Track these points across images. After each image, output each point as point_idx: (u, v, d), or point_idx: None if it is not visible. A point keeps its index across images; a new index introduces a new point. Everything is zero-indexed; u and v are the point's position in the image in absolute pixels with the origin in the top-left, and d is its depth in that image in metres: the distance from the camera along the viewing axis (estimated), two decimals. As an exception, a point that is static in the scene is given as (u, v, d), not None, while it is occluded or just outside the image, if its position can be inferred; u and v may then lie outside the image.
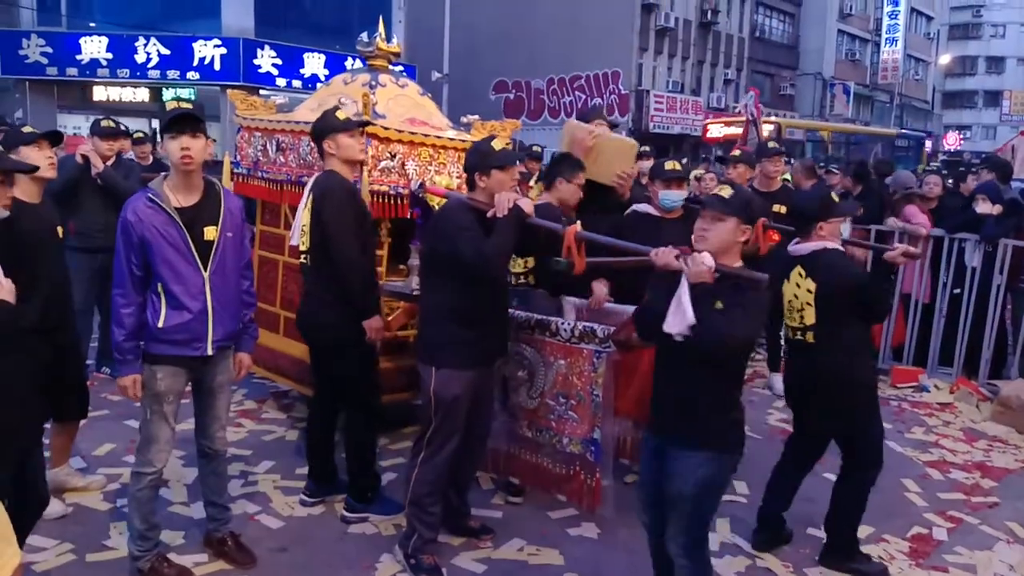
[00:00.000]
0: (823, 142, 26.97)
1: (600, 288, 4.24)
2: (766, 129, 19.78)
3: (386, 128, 4.43)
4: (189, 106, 8.01)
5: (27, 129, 3.53)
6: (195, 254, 3.10)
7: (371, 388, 3.90)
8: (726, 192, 2.79)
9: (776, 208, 5.76)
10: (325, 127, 3.75)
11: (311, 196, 3.74)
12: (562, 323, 3.90)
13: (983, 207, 6.52)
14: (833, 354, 3.47)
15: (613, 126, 6.26)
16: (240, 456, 4.55)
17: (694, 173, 8.89)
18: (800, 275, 3.53)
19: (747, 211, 2.76)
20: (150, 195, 3.08)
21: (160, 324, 3.08)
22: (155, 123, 18.24)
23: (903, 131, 33.58)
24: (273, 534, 3.75)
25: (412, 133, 4.56)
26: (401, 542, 3.52)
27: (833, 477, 3.83)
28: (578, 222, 4.04)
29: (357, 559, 3.55)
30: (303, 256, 3.82)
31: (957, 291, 6.63)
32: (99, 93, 19.09)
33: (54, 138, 3.51)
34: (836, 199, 3.61)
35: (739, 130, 17.82)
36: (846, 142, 27.89)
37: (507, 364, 4.04)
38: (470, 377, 3.41)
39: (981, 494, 4.65)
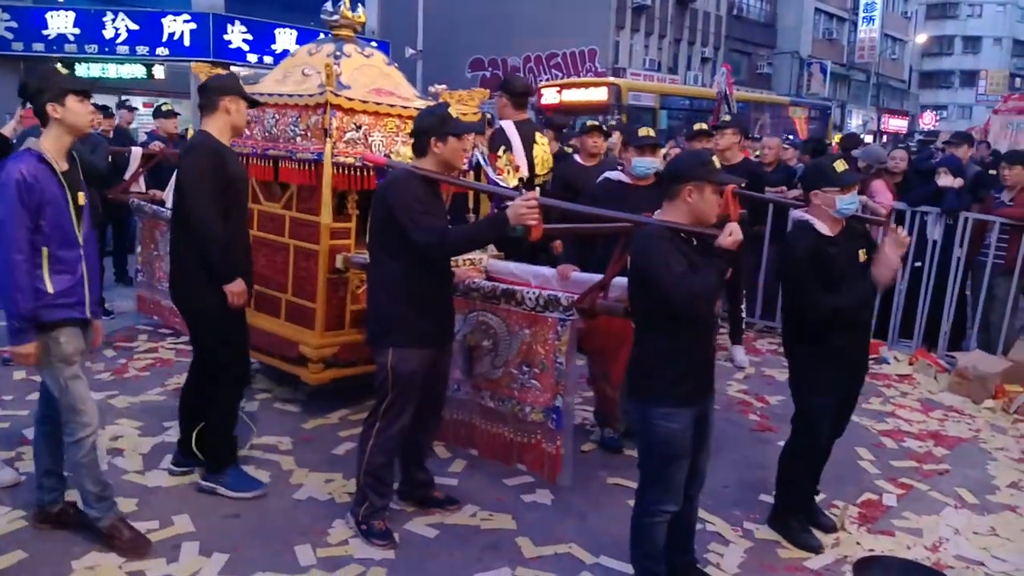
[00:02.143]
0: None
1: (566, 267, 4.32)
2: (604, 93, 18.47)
3: (350, 99, 4.38)
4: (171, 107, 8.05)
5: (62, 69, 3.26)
6: (74, 218, 3.12)
7: (235, 355, 3.83)
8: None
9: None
10: (228, 86, 3.73)
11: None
12: (527, 292, 3.91)
13: (944, 180, 6.58)
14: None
15: (607, 135, 6.27)
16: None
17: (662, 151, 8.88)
18: None
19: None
20: (41, 155, 3.03)
21: (50, 289, 3.06)
22: (123, 97, 18.04)
23: (798, 99, 29.56)
24: (226, 501, 3.76)
25: (377, 104, 4.51)
26: (352, 509, 3.54)
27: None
28: (537, 189, 4.07)
29: (310, 525, 3.57)
30: None
31: (918, 264, 6.71)
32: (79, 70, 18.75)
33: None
34: (841, 167, 3.44)
35: (603, 97, 17.70)
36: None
37: (473, 334, 4.06)
38: (427, 354, 3.40)
39: (933, 462, 4.73)
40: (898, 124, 44.20)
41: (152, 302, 6.38)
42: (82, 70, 18.01)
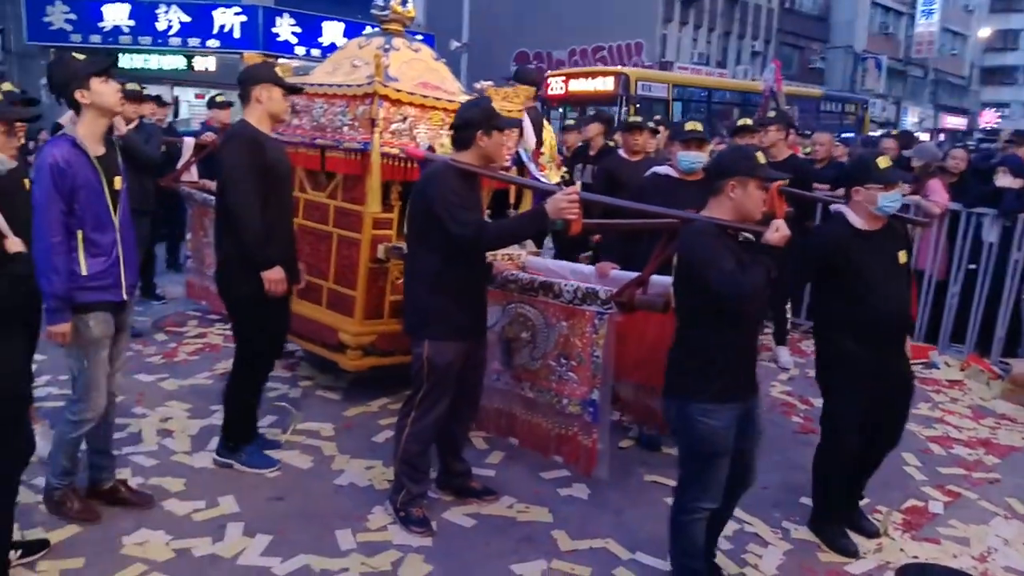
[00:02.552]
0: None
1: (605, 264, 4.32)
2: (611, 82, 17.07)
3: (398, 90, 4.41)
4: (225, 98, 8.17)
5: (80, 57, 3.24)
6: (109, 202, 3.18)
7: (270, 343, 3.91)
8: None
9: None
10: (259, 75, 3.77)
11: None
12: (565, 285, 3.90)
13: (1004, 180, 6.39)
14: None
15: (654, 132, 6.21)
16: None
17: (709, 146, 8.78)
18: None
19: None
20: (75, 141, 3.10)
21: (84, 272, 3.15)
22: (176, 90, 18.40)
23: (831, 93, 27.10)
24: (270, 483, 3.85)
25: (424, 96, 4.55)
26: (391, 496, 3.59)
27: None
28: (578, 183, 4.06)
29: (351, 510, 3.64)
30: None
31: (972, 267, 6.53)
32: (123, 60, 19.19)
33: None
34: (884, 164, 3.38)
35: (610, 87, 16.86)
36: (742, 103, 20.94)
37: (511, 326, 4.06)
38: (462, 346, 3.42)
39: (983, 470, 4.61)
40: (956, 122, 42.93)
41: (201, 288, 6.49)
42: (125, 61, 18.45)
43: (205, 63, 19.26)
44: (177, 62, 19.18)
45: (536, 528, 3.59)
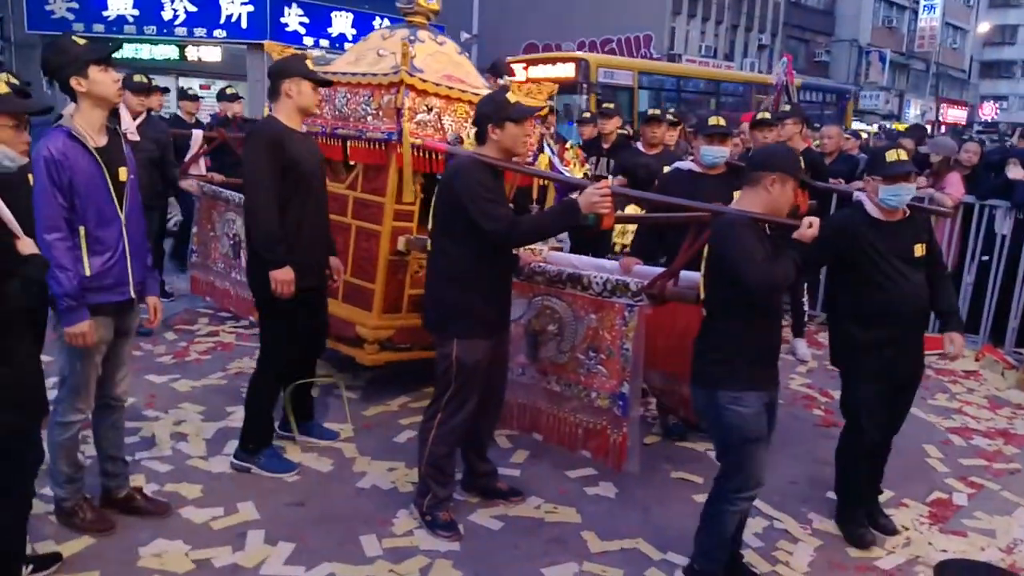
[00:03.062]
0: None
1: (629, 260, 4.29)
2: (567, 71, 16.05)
3: (424, 80, 4.35)
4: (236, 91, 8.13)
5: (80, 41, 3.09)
6: (113, 195, 3.04)
7: (282, 344, 3.81)
8: None
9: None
10: (289, 69, 3.68)
11: None
12: (594, 277, 3.85)
13: (1015, 172, 6.39)
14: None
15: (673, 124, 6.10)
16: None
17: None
18: None
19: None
20: (70, 132, 2.94)
21: (87, 272, 2.99)
22: (181, 81, 18.29)
23: (809, 82, 24.30)
24: (290, 488, 3.76)
25: (450, 88, 4.48)
26: (416, 500, 3.52)
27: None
28: (610, 177, 4.03)
29: (374, 514, 3.56)
30: None
31: (986, 258, 6.54)
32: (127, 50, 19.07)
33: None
34: (891, 157, 3.36)
35: (570, 74, 16.10)
36: (716, 92, 20.14)
37: (538, 319, 4.02)
38: (489, 343, 3.36)
39: (1003, 461, 4.61)
40: (957, 114, 42.86)
41: (207, 283, 6.33)
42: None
43: (198, 53, 19.03)
44: (169, 52, 18.94)
45: (565, 529, 3.54)
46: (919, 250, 3.41)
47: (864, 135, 10.97)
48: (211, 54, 19.24)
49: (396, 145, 4.30)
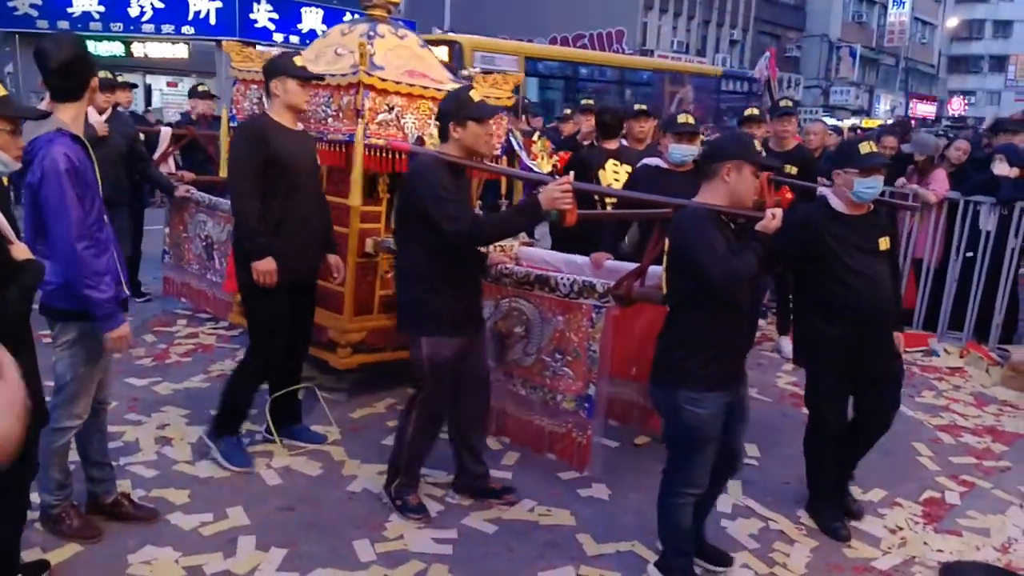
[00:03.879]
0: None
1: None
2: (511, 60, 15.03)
3: (384, 79, 4.26)
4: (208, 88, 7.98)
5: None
6: (100, 194, 3.02)
7: (267, 336, 3.81)
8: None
9: (788, 168, 5.64)
10: (274, 69, 3.71)
11: None
12: (561, 278, 3.83)
13: (1001, 168, 6.40)
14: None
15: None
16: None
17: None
18: None
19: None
20: (76, 136, 2.88)
21: None
22: (148, 78, 17.98)
23: (730, 71, 23.71)
24: (279, 492, 3.69)
25: (411, 85, 4.40)
26: (385, 486, 3.57)
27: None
28: (571, 173, 4.00)
29: (366, 518, 3.50)
30: None
31: (970, 254, 6.55)
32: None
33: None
34: (866, 149, 3.36)
35: (443, 57, 14.53)
36: (621, 80, 18.74)
37: (505, 320, 3.97)
38: (460, 341, 3.36)
39: (992, 458, 4.61)
40: (926, 109, 43.46)
41: (181, 284, 6.21)
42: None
43: (144, 49, 18.65)
44: (115, 48, 18.44)
45: (560, 532, 3.49)
46: (883, 243, 3.42)
47: (836, 134, 10.93)
48: (177, 51, 18.90)
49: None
